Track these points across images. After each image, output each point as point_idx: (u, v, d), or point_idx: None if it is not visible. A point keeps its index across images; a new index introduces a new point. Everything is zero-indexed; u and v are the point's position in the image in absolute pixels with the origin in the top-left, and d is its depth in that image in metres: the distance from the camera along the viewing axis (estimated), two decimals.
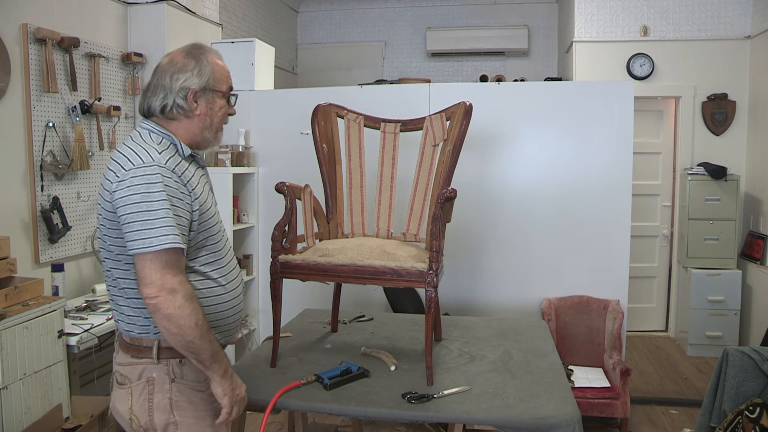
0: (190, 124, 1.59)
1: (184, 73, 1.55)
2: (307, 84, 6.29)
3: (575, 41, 4.98)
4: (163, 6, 3.71)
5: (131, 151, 1.47)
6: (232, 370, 1.57)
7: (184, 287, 1.43)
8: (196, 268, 1.56)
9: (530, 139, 3.56)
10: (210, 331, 1.48)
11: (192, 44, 1.62)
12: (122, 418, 1.57)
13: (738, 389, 2.63)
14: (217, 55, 1.64)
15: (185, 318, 1.40)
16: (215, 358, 1.49)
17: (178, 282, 1.41)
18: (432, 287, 1.93)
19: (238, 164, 3.74)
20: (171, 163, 1.48)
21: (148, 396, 1.53)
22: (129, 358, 1.55)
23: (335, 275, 2.04)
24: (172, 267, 1.42)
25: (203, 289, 1.56)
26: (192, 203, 1.51)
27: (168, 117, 1.56)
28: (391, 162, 2.44)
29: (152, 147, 1.49)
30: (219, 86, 1.61)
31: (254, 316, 3.96)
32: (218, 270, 1.61)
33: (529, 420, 1.68)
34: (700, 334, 4.64)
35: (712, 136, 4.90)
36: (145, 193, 1.41)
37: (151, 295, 1.39)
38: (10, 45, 2.84)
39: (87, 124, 3.30)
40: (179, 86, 1.54)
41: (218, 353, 1.50)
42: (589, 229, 3.49)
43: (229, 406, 1.53)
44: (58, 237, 3.07)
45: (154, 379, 1.53)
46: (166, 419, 1.53)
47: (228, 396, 1.53)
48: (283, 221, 2.10)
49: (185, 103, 1.55)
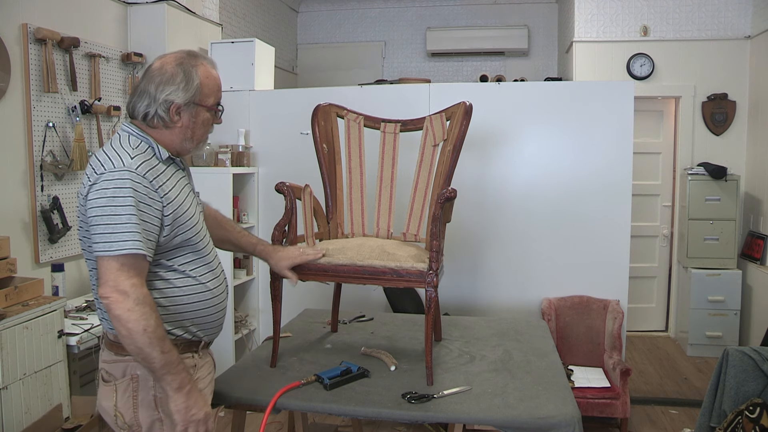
0: (171, 134, 1.59)
1: (171, 85, 1.54)
2: (307, 84, 6.29)
3: (575, 41, 4.98)
4: (163, 6, 3.71)
5: (105, 156, 1.48)
6: (195, 389, 1.51)
7: (137, 291, 1.42)
8: (175, 267, 1.58)
9: (530, 139, 3.56)
10: (165, 342, 1.45)
11: (186, 52, 1.61)
12: (107, 415, 1.58)
13: (738, 389, 2.63)
14: (211, 64, 1.63)
15: (133, 321, 1.40)
16: (168, 370, 1.44)
17: (130, 285, 1.42)
18: (432, 287, 1.93)
19: (238, 164, 3.74)
20: (143, 167, 1.48)
21: (133, 393, 1.54)
22: (113, 356, 1.57)
23: (335, 275, 2.04)
24: (128, 270, 1.42)
25: (184, 287, 1.59)
26: (163, 209, 1.51)
27: (149, 125, 1.57)
28: (391, 162, 2.44)
29: (126, 152, 1.49)
30: (205, 101, 1.60)
31: (254, 316, 3.96)
32: (199, 269, 1.62)
33: (529, 420, 1.68)
34: (700, 334, 4.64)
35: (712, 136, 4.90)
36: (111, 197, 1.43)
37: (104, 295, 1.41)
38: (10, 45, 2.84)
39: (87, 124, 3.30)
40: (163, 98, 1.54)
41: (173, 365, 1.45)
42: (589, 229, 3.49)
43: (182, 425, 1.47)
44: (58, 237, 3.07)
45: (138, 377, 1.54)
46: (151, 416, 1.54)
47: (180, 414, 1.47)
48: (282, 221, 2.10)
49: (166, 115, 1.55)
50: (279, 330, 2.11)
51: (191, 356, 1.64)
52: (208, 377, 1.71)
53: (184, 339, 1.62)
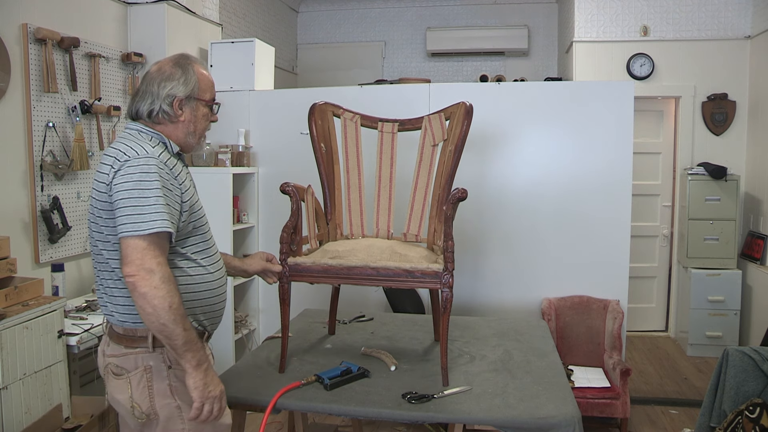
0: (175, 129, 1.68)
1: (171, 81, 1.65)
2: (307, 84, 6.29)
3: (575, 41, 4.98)
4: (163, 6, 3.71)
5: (126, 146, 1.56)
6: (210, 367, 1.58)
7: (163, 269, 1.48)
8: (188, 255, 1.65)
9: (530, 140, 3.56)
10: (186, 319, 1.51)
11: (180, 54, 1.73)
12: (123, 408, 1.61)
13: (738, 389, 2.63)
14: (203, 66, 1.75)
15: (159, 299, 1.45)
16: (189, 347, 1.50)
17: (156, 263, 1.47)
18: (447, 288, 1.94)
19: (238, 164, 3.74)
20: (163, 156, 1.58)
21: (147, 383, 1.58)
22: (123, 349, 1.61)
23: (347, 277, 2.01)
24: (154, 249, 1.48)
25: (196, 276, 1.65)
26: (181, 195, 1.60)
27: (154, 121, 1.66)
28: (390, 162, 2.44)
29: (145, 142, 1.59)
30: (203, 95, 1.70)
31: (254, 316, 3.96)
32: (207, 258, 1.70)
33: (529, 420, 1.68)
34: (700, 334, 4.64)
35: (712, 136, 4.90)
36: (139, 180, 1.50)
37: (130, 273, 1.45)
38: (10, 45, 2.84)
39: (87, 124, 3.30)
40: (166, 93, 1.64)
41: (193, 343, 1.52)
42: (589, 229, 3.49)
43: (199, 401, 1.53)
44: (58, 237, 3.07)
45: (151, 368, 1.58)
46: (169, 404, 1.59)
47: (198, 390, 1.53)
48: (290, 223, 2.07)
49: (170, 109, 1.65)
50: (287, 334, 2.09)
51: None
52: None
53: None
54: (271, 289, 3.76)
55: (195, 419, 1.55)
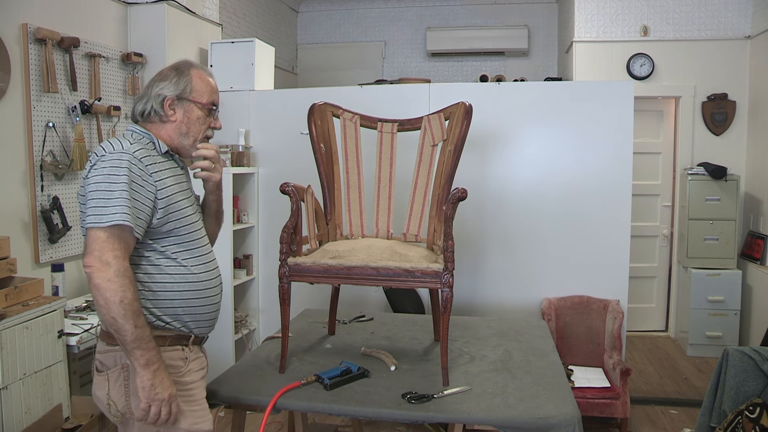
0: (167, 129, 1.69)
1: (164, 82, 1.68)
2: (307, 84, 6.29)
3: (575, 41, 4.98)
4: (163, 6, 3.71)
5: (108, 144, 1.59)
6: (162, 369, 1.54)
7: (119, 263, 1.48)
8: (168, 253, 1.64)
9: (530, 140, 3.56)
10: (140, 317, 1.50)
11: (182, 60, 1.76)
12: (101, 404, 1.63)
13: (738, 389, 2.63)
14: (205, 72, 1.75)
15: (111, 291, 1.45)
16: (138, 345, 1.49)
17: (113, 256, 1.48)
18: (448, 287, 1.94)
19: (238, 164, 3.74)
20: (141, 153, 1.58)
21: (124, 382, 1.59)
22: (105, 346, 1.63)
23: (347, 277, 2.00)
24: (113, 242, 1.49)
25: (176, 275, 1.64)
26: (157, 192, 1.59)
27: (146, 120, 1.69)
28: (389, 162, 2.44)
29: (126, 140, 1.60)
30: (198, 98, 1.70)
31: (254, 316, 3.96)
32: (191, 259, 1.67)
33: (529, 420, 1.68)
34: (700, 334, 4.64)
35: (712, 136, 4.90)
36: (108, 174, 1.52)
37: (88, 264, 1.48)
38: (10, 45, 2.84)
39: (87, 124, 3.30)
40: (155, 93, 1.67)
41: (143, 341, 1.49)
42: (589, 229, 3.49)
43: (145, 401, 1.50)
44: (58, 237, 3.07)
45: (128, 366, 1.58)
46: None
47: (145, 390, 1.50)
48: (290, 223, 2.06)
49: (161, 108, 1.67)
50: (287, 335, 2.08)
51: (181, 348, 1.67)
52: (199, 372, 1.72)
53: (175, 330, 1.66)
54: (271, 289, 3.77)
55: (141, 420, 1.53)
